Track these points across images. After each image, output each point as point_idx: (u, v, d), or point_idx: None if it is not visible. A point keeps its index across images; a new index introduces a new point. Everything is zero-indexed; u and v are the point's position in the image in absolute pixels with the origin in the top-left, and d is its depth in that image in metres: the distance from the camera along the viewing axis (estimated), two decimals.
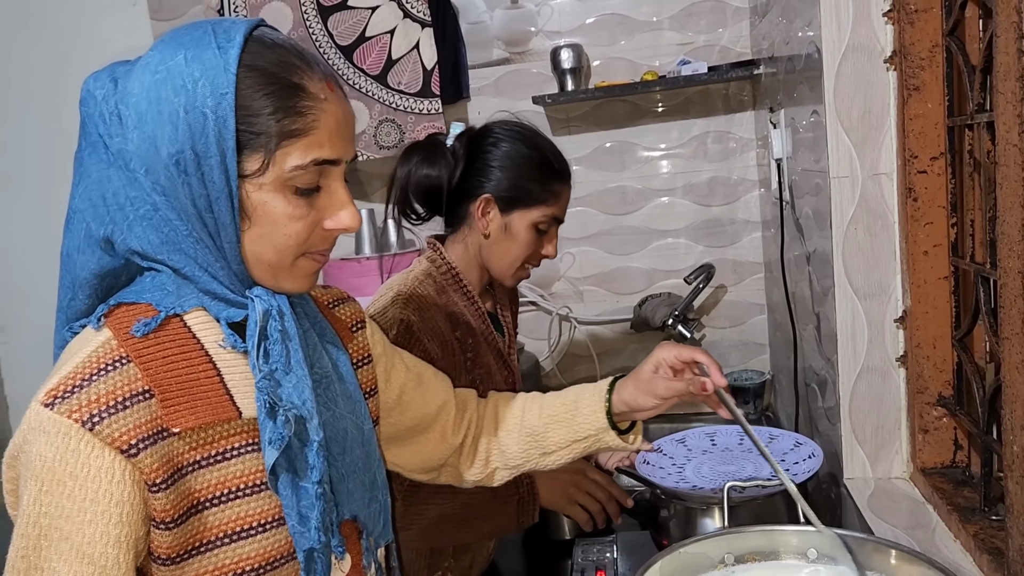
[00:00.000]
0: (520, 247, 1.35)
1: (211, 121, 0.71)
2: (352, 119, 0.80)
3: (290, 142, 0.73)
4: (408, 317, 1.26)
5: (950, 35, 1.14)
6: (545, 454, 1.08)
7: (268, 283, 0.78)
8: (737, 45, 2.17)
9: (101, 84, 0.76)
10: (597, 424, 1.04)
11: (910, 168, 1.20)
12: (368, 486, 0.87)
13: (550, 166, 1.35)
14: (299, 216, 0.76)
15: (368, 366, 0.97)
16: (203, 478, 0.75)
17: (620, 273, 2.31)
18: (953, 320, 1.21)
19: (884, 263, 1.27)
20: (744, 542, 0.92)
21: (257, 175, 0.73)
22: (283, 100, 0.73)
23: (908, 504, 1.23)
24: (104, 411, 0.69)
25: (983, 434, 1.09)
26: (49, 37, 2.42)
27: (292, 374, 0.77)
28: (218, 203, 0.73)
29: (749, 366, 2.27)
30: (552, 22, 2.24)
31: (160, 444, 0.71)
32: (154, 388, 0.72)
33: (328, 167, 0.76)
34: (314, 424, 0.78)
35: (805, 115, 1.45)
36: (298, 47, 0.78)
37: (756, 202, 2.23)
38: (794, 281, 1.72)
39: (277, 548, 0.79)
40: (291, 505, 0.78)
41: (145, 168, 0.73)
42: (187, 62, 0.72)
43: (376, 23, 2.09)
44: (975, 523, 1.07)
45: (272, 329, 0.77)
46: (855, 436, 1.32)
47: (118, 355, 0.72)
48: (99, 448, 0.69)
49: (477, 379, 1.35)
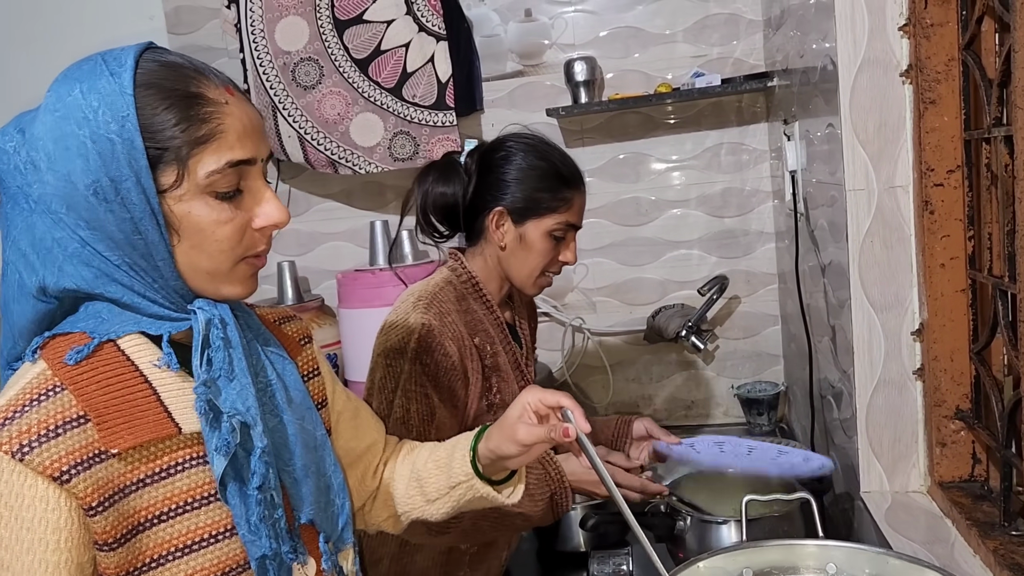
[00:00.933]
0: (537, 256, 1.37)
1: (119, 145, 0.73)
2: (259, 119, 0.81)
3: (200, 149, 0.75)
4: (429, 321, 1.28)
5: (966, 49, 1.14)
6: (428, 501, 1.02)
7: (209, 292, 0.80)
8: (750, 57, 2.18)
9: (9, 137, 0.78)
10: (466, 471, 0.98)
11: (926, 181, 1.20)
12: (324, 490, 0.88)
13: (559, 174, 1.36)
14: (225, 220, 0.77)
15: (317, 378, 0.98)
16: (148, 496, 0.76)
17: (633, 284, 2.31)
18: (971, 333, 1.21)
19: (901, 276, 1.27)
20: (762, 556, 0.92)
21: (175, 187, 0.75)
22: (185, 110, 0.74)
23: (926, 518, 1.22)
24: (35, 440, 0.71)
25: (1002, 448, 1.08)
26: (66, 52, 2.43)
27: (236, 381, 0.79)
28: (143, 223, 0.74)
29: (763, 377, 2.26)
30: (566, 35, 2.25)
31: (96, 467, 0.73)
32: (89, 412, 0.73)
33: (244, 167, 0.78)
34: (258, 431, 0.79)
35: (820, 127, 1.45)
36: (191, 60, 0.80)
37: (770, 214, 2.23)
38: (809, 293, 1.72)
39: (232, 558, 0.80)
40: (241, 514, 0.79)
41: (66, 206, 0.74)
42: (83, 94, 0.74)
43: (391, 37, 2.11)
44: (995, 538, 1.06)
45: (214, 337, 0.78)
46: (872, 449, 1.32)
47: (52, 384, 0.74)
48: (31, 477, 0.70)
49: (495, 386, 1.36)
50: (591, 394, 2.36)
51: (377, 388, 1.28)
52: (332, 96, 2.15)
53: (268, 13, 2.12)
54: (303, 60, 2.14)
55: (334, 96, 2.15)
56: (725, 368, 2.30)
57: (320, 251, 2.43)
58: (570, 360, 2.34)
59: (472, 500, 1.00)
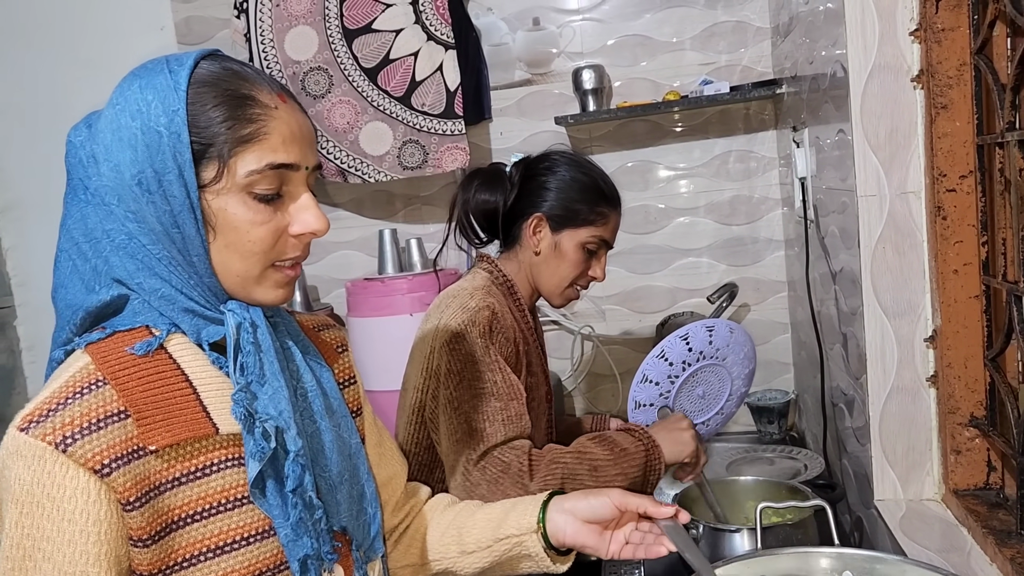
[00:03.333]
0: (569, 266, 1.41)
1: (165, 138, 0.74)
2: (309, 129, 0.82)
3: (243, 148, 0.76)
4: (492, 304, 1.32)
5: (978, 53, 1.14)
6: (464, 553, 1.01)
7: (240, 295, 0.80)
8: (758, 65, 2.18)
9: (79, 132, 0.80)
10: (524, 524, 0.97)
11: (939, 187, 1.20)
12: (356, 499, 0.88)
13: (599, 189, 1.42)
14: (261, 221, 0.78)
15: (353, 387, 0.99)
16: (183, 494, 0.76)
17: (643, 292, 2.31)
18: (985, 339, 1.20)
19: (913, 282, 1.26)
20: (777, 564, 0.91)
21: (215, 183, 0.76)
22: (233, 109, 0.76)
23: (941, 526, 1.21)
24: (77, 432, 0.71)
25: (1018, 455, 1.07)
26: (77, 62, 2.47)
27: (267, 385, 0.79)
28: (181, 216, 0.75)
29: (773, 385, 2.25)
30: (574, 43, 2.26)
31: (135, 463, 0.73)
32: (130, 408, 0.74)
33: (287, 173, 0.79)
34: (291, 435, 0.79)
35: (830, 134, 1.45)
36: (249, 66, 0.82)
37: (779, 221, 2.22)
38: (819, 300, 1.71)
39: (263, 561, 0.80)
40: (281, 515, 0.79)
41: (117, 197, 0.76)
42: (141, 89, 0.76)
43: (400, 46, 2.11)
44: (1012, 546, 1.05)
45: (244, 341, 0.79)
46: (885, 457, 1.31)
47: (95, 378, 0.74)
48: (73, 469, 0.71)
49: (531, 385, 1.39)
50: (600, 402, 2.35)
51: (443, 380, 1.29)
52: (341, 105, 2.16)
53: (277, 23, 2.14)
54: (312, 69, 2.15)
55: (343, 105, 2.16)
56: None
57: (329, 260, 2.44)
58: (579, 368, 2.34)
59: (512, 558, 0.99)
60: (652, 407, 1.50)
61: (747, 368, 1.58)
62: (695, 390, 1.52)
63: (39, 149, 2.51)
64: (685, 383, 1.49)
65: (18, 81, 2.49)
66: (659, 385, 1.48)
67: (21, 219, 2.54)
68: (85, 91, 2.50)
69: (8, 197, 2.53)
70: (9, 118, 2.50)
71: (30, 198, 2.53)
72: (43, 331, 2.57)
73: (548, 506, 0.97)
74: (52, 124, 2.48)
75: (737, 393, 1.60)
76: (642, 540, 0.94)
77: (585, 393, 2.34)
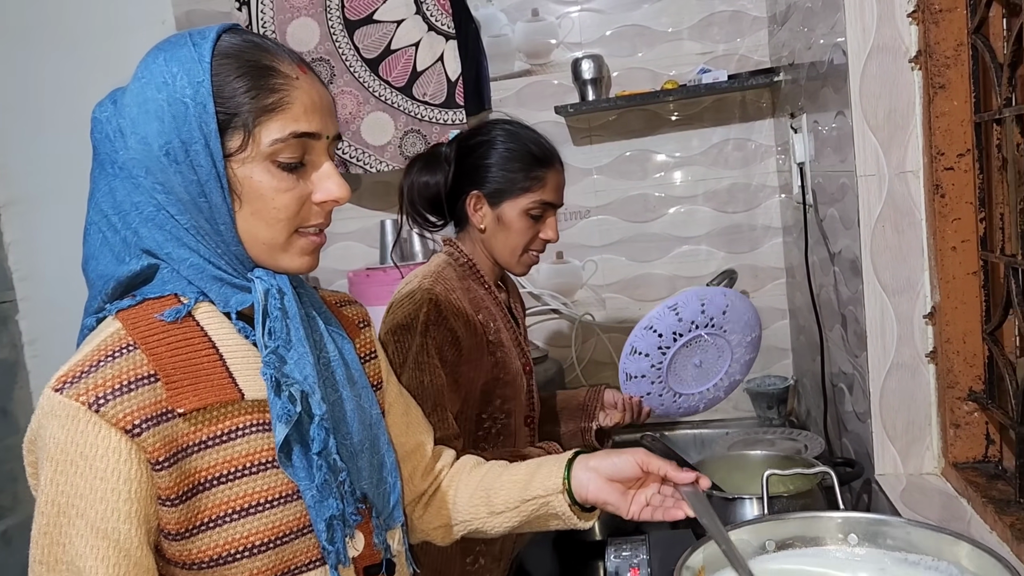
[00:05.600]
0: (517, 235, 1.41)
1: (191, 108, 0.76)
2: (329, 99, 0.85)
3: (267, 116, 0.78)
4: (436, 296, 1.32)
5: (975, 33, 1.16)
6: (492, 513, 1.04)
7: (266, 262, 0.83)
8: (755, 53, 2.20)
9: (104, 108, 0.82)
10: (550, 485, 1.00)
11: (937, 165, 1.22)
12: (377, 467, 0.90)
13: (531, 154, 1.40)
14: (285, 188, 0.80)
15: (374, 361, 1.01)
16: (208, 457, 0.78)
17: (642, 280, 2.33)
18: (983, 314, 1.23)
19: (912, 259, 1.29)
20: (785, 528, 0.93)
21: (240, 152, 0.78)
22: (256, 80, 0.78)
23: (941, 498, 1.23)
24: (109, 394, 0.73)
25: (1017, 425, 1.10)
26: (78, 57, 2.48)
27: (293, 350, 0.81)
28: (208, 185, 0.77)
29: (772, 371, 2.28)
30: (572, 34, 2.28)
31: (164, 425, 0.75)
32: (159, 372, 0.76)
33: (309, 141, 0.81)
34: (316, 399, 0.81)
35: (829, 118, 1.47)
36: (268, 38, 0.84)
37: (776, 208, 2.25)
38: (818, 284, 1.73)
39: (286, 524, 0.82)
40: (306, 477, 0.81)
41: (145, 169, 0.78)
42: (166, 62, 0.78)
43: (401, 36, 2.13)
44: (1011, 514, 1.07)
45: (272, 307, 0.81)
46: (886, 433, 1.33)
47: (126, 343, 0.77)
48: (105, 428, 0.73)
49: (499, 360, 1.40)
50: None
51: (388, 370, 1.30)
52: (343, 96, 2.17)
53: (279, 15, 2.15)
54: (314, 60, 2.16)
55: (345, 96, 2.17)
56: None
57: (331, 250, 2.45)
58: (580, 355, 2.36)
59: (540, 517, 1.02)
60: (644, 379, 1.52)
61: (750, 335, 1.59)
62: (691, 359, 1.54)
63: (41, 144, 2.53)
64: (679, 353, 1.51)
65: (19, 77, 2.49)
66: (649, 356, 1.50)
67: (23, 214, 2.55)
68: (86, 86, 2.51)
69: (10, 192, 2.54)
70: (11, 114, 2.51)
71: (32, 193, 2.54)
72: (45, 325, 2.58)
73: (573, 464, 0.99)
74: (54, 119, 2.50)
75: (741, 360, 1.61)
76: (662, 503, 0.96)
77: (587, 380, 2.36)
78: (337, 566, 0.84)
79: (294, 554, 0.83)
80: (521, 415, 1.46)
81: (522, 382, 1.46)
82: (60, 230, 2.54)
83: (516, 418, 1.45)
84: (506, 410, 1.42)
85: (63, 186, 2.53)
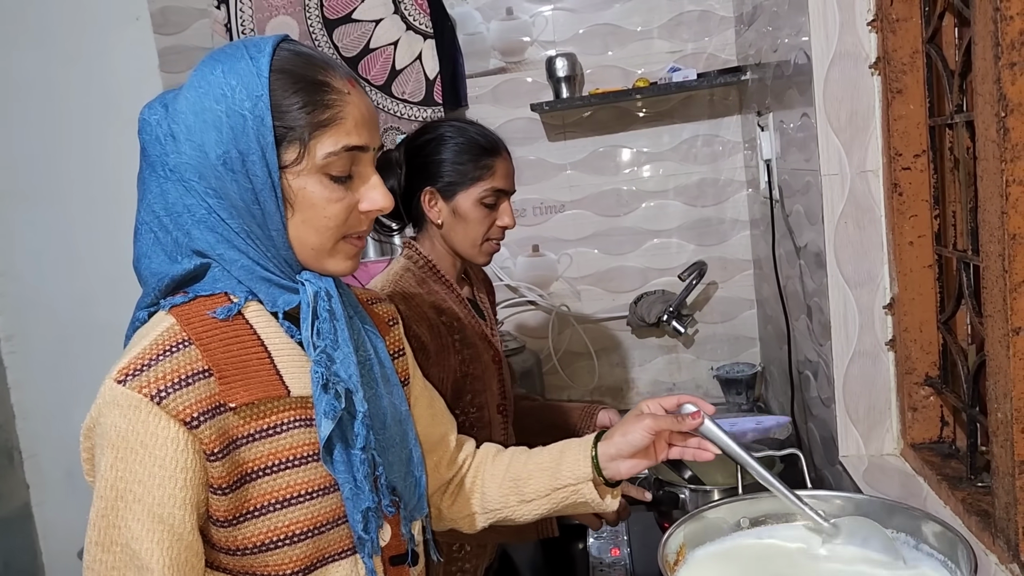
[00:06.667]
0: (475, 225, 1.44)
1: (250, 121, 0.80)
2: (374, 112, 0.89)
3: (321, 131, 0.82)
4: (395, 304, 1.35)
5: (929, 42, 1.24)
6: (523, 502, 1.07)
7: (314, 266, 0.87)
8: (723, 52, 2.27)
9: (154, 111, 0.85)
10: (579, 473, 1.04)
11: (895, 165, 1.30)
12: (405, 461, 0.95)
13: (477, 145, 1.44)
14: (336, 199, 0.84)
15: (402, 358, 1.06)
16: (256, 450, 0.83)
17: (616, 272, 2.40)
18: (938, 305, 1.31)
19: (872, 254, 1.37)
20: (759, 506, 1.00)
21: (295, 164, 0.82)
22: (311, 95, 0.82)
23: (900, 477, 1.32)
24: (169, 387, 0.77)
25: (968, 408, 1.18)
26: (53, 53, 2.47)
27: (339, 351, 0.86)
28: (263, 194, 0.81)
29: (740, 359, 2.36)
30: (546, 32, 2.33)
31: (217, 418, 0.80)
32: (212, 368, 0.80)
33: (358, 154, 0.85)
34: (359, 397, 0.86)
35: (794, 118, 1.55)
36: (320, 53, 0.88)
37: (744, 202, 2.33)
38: (785, 275, 1.81)
39: (324, 514, 0.87)
40: (346, 471, 0.86)
41: (198, 175, 0.82)
42: (224, 74, 0.82)
43: (380, 35, 2.17)
44: (963, 490, 1.16)
45: (321, 309, 0.85)
46: (849, 417, 1.41)
47: (181, 338, 0.81)
48: (165, 420, 0.77)
49: (467, 358, 1.44)
50: (577, 379, 2.44)
51: None
52: None
53: (258, 13, 2.18)
54: None
55: None
56: (704, 351, 2.40)
57: None
58: (556, 346, 2.43)
59: (570, 505, 1.07)
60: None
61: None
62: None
63: (16, 141, 2.52)
64: None
65: None
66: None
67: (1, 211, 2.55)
68: (60, 82, 2.53)
69: None
70: None
71: (10, 190, 2.54)
72: (24, 321, 2.59)
73: (598, 454, 1.03)
74: (28, 116, 2.50)
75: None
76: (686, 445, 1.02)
77: (563, 371, 2.43)
78: (370, 555, 0.88)
79: (328, 543, 0.88)
80: (494, 405, 1.50)
81: (493, 374, 1.50)
82: (37, 226, 2.55)
83: (489, 410, 1.49)
84: (477, 404, 1.47)
85: (38, 182, 2.54)
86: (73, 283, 2.53)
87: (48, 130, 2.50)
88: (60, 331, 2.55)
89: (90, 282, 2.51)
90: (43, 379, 2.59)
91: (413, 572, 0.98)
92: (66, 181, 2.51)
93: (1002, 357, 0.96)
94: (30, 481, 2.64)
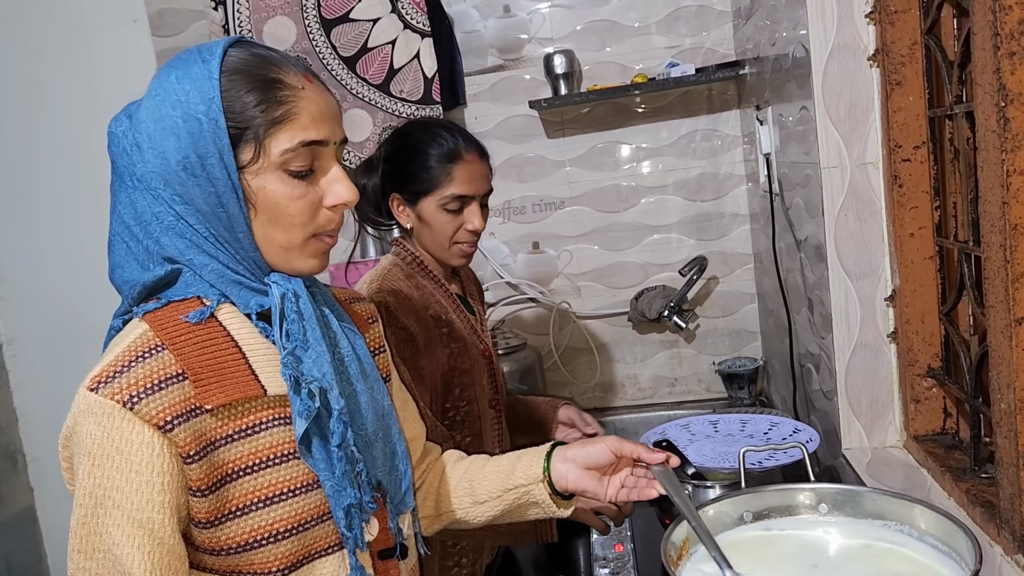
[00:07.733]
0: (440, 230, 1.44)
1: (205, 124, 0.81)
2: (335, 106, 0.89)
3: (276, 128, 0.82)
4: (385, 299, 1.37)
5: (928, 33, 1.24)
6: (476, 503, 1.08)
7: (282, 266, 0.87)
8: (721, 47, 2.27)
9: (119, 123, 0.86)
10: (530, 475, 1.05)
11: (895, 157, 1.30)
12: (389, 456, 0.95)
13: (440, 151, 1.43)
14: (298, 196, 0.84)
15: (383, 354, 1.06)
16: (235, 450, 0.83)
17: (616, 268, 2.40)
18: (939, 296, 1.31)
19: (873, 246, 1.37)
20: (761, 500, 1.00)
21: (252, 163, 0.83)
22: (264, 93, 0.82)
23: (903, 469, 1.32)
24: (141, 392, 0.78)
25: (971, 399, 1.18)
26: (51, 55, 2.47)
27: (311, 350, 0.86)
28: (225, 196, 0.82)
29: (742, 353, 2.36)
30: (544, 29, 2.33)
31: (193, 421, 0.80)
32: (187, 371, 0.80)
33: (318, 148, 0.85)
34: (334, 394, 0.86)
35: (793, 111, 1.55)
36: (274, 50, 0.88)
37: (744, 196, 2.33)
38: (785, 269, 1.81)
39: (307, 511, 0.87)
40: (325, 469, 0.86)
41: (164, 182, 0.82)
42: (178, 80, 0.82)
43: (377, 34, 2.17)
44: (967, 481, 1.16)
45: (288, 310, 0.85)
46: (851, 409, 1.41)
47: (154, 344, 0.81)
48: (139, 425, 0.77)
49: (455, 352, 1.45)
50: (579, 375, 2.44)
51: None
52: None
53: (255, 14, 2.17)
54: None
55: None
56: (706, 346, 2.40)
57: None
58: (557, 343, 2.43)
59: (521, 506, 1.07)
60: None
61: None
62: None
63: (12, 143, 2.52)
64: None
65: None
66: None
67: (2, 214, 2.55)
68: (57, 85, 2.52)
69: None
70: None
71: (5, 193, 2.53)
72: (24, 325, 2.59)
73: (552, 456, 1.05)
74: (24, 118, 2.50)
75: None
76: (635, 484, 1.03)
77: (564, 367, 2.42)
78: (355, 551, 0.89)
79: (314, 540, 0.88)
80: (485, 399, 1.51)
81: (482, 368, 1.51)
82: (37, 230, 2.55)
83: (479, 403, 1.50)
84: (467, 397, 1.47)
85: (38, 185, 2.54)
86: (74, 287, 2.53)
87: (47, 132, 2.50)
88: (61, 334, 2.55)
89: (91, 285, 2.48)
90: (45, 382, 2.59)
91: (403, 566, 0.98)
92: (66, 184, 2.51)
93: (1004, 347, 0.96)
94: (34, 484, 2.64)
